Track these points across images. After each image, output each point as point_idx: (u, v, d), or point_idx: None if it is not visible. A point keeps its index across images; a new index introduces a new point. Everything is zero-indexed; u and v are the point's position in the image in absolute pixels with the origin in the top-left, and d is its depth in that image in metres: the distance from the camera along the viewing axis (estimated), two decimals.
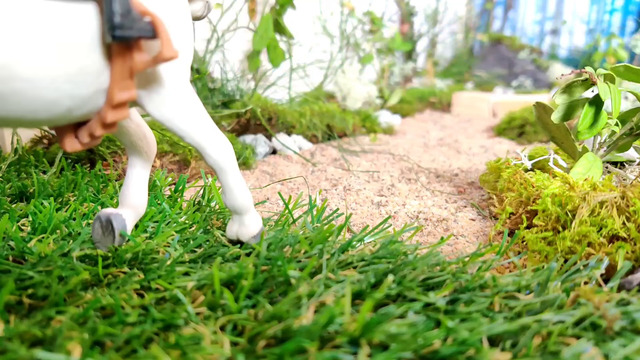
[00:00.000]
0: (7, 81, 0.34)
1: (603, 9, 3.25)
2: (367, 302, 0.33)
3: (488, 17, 3.49)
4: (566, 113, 0.68)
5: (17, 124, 0.39)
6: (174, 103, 0.45)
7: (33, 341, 0.32)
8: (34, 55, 0.35)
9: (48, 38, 0.35)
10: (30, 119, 0.38)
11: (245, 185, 0.50)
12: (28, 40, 0.34)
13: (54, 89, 0.37)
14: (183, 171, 0.86)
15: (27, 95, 0.36)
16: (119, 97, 0.40)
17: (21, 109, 0.36)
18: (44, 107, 0.37)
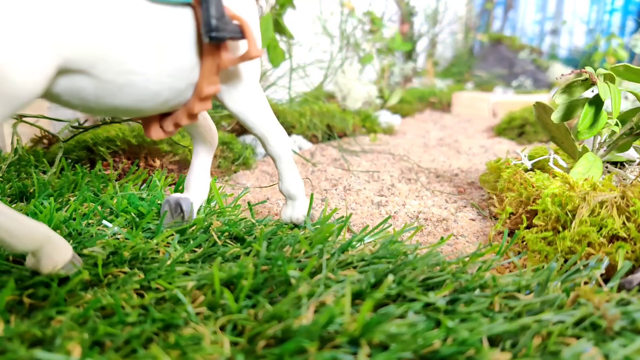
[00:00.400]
0: (125, 74, 0.39)
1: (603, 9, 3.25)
2: (367, 302, 0.33)
3: (488, 17, 3.49)
4: (566, 113, 0.68)
5: (123, 113, 0.44)
6: (248, 97, 0.51)
7: (33, 341, 0.32)
8: (146, 53, 0.40)
9: (157, 38, 0.41)
10: (135, 107, 0.43)
11: (298, 174, 0.57)
12: (142, 40, 0.40)
13: (158, 82, 0.42)
14: (183, 171, 0.86)
15: (138, 86, 0.41)
16: (206, 90, 0.46)
17: (131, 98, 0.42)
18: (148, 98, 0.43)
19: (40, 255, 0.40)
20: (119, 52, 0.39)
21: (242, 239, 0.52)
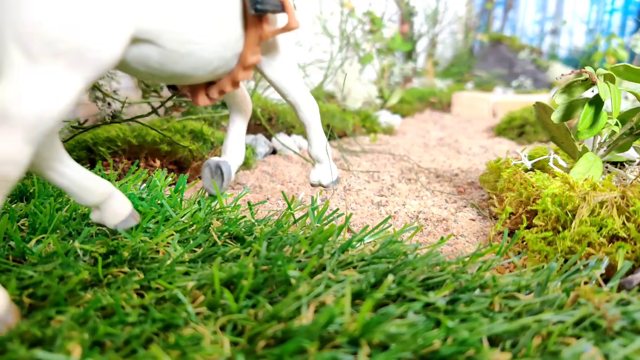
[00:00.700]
0: (185, 43, 0.45)
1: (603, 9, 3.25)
2: (367, 302, 0.33)
3: (488, 17, 3.49)
4: (566, 113, 0.68)
5: (179, 79, 0.50)
6: (285, 67, 0.59)
7: (33, 341, 0.32)
8: (203, 25, 0.46)
9: (212, 11, 0.46)
10: (190, 74, 0.49)
11: (325, 140, 0.64)
12: (200, 13, 0.45)
13: (212, 51, 0.48)
14: (183, 171, 0.86)
15: (195, 55, 0.47)
16: (250, 59, 0.53)
17: (189, 66, 0.47)
18: (202, 66, 0.49)
19: (105, 208, 0.46)
20: (182, 23, 0.44)
21: (242, 239, 0.52)
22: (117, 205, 0.47)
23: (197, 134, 0.92)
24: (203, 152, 0.89)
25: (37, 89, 0.33)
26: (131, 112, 1.03)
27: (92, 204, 0.45)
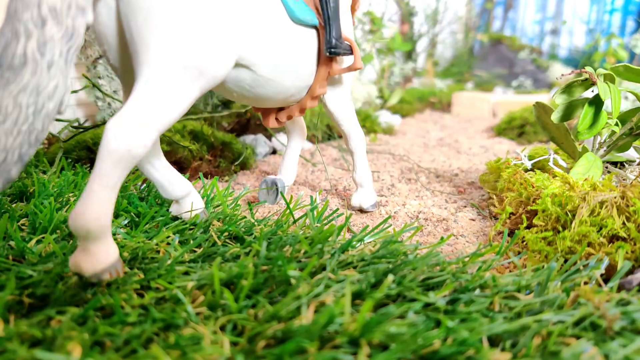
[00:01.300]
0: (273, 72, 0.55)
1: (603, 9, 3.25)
2: (367, 302, 0.33)
3: (488, 17, 3.49)
4: (566, 113, 0.68)
5: (262, 102, 0.59)
6: (344, 99, 0.68)
7: (33, 341, 0.32)
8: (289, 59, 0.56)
9: (297, 50, 0.57)
10: (271, 98, 0.58)
11: (368, 167, 0.72)
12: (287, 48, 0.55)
13: (290, 81, 0.58)
14: (183, 171, 0.86)
15: (278, 82, 0.56)
16: (318, 91, 0.63)
17: (272, 91, 0.57)
18: (281, 92, 0.58)
19: (184, 203, 0.55)
20: (273, 56, 0.54)
21: (242, 239, 0.52)
22: (194, 200, 0.56)
23: (197, 134, 0.92)
24: (203, 152, 0.89)
25: (169, 94, 0.42)
26: None
27: (175, 197, 0.54)
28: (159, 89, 0.41)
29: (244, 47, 0.50)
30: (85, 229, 0.38)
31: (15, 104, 0.37)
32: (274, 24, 0.53)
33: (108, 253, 0.40)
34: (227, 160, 0.93)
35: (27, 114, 0.37)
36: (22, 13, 0.37)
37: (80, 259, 0.39)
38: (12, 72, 0.36)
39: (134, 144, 0.39)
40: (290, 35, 0.56)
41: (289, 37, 0.56)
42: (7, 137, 0.36)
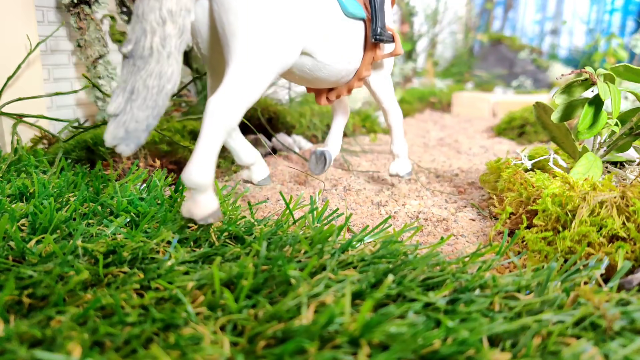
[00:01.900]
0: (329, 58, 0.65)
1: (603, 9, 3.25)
2: (367, 302, 0.33)
3: (488, 17, 3.49)
4: (566, 113, 0.68)
5: (318, 83, 0.70)
6: (385, 80, 0.79)
7: (33, 341, 0.32)
8: (342, 47, 0.66)
9: (347, 38, 0.67)
10: (326, 80, 0.69)
11: (404, 139, 0.83)
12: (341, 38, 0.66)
13: (342, 65, 0.68)
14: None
15: (333, 66, 0.67)
16: (364, 74, 0.73)
17: (327, 74, 0.67)
18: (334, 74, 0.69)
19: (253, 169, 0.67)
20: (330, 45, 0.64)
21: (242, 239, 0.52)
22: (261, 167, 0.67)
23: (197, 134, 0.92)
24: None
25: (253, 78, 0.52)
26: None
27: (247, 163, 0.65)
28: (246, 73, 0.52)
29: (308, 39, 0.60)
30: (195, 184, 0.49)
31: (144, 86, 0.48)
32: (331, 18, 0.64)
33: (212, 202, 0.50)
34: (227, 160, 0.93)
35: (152, 93, 0.48)
36: (147, 15, 0.48)
37: (191, 206, 0.50)
38: (142, 61, 0.48)
39: (230, 116, 0.50)
40: (343, 27, 0.67)
41: (342, 28, 0.66)
42: (139, 110, 0.48)
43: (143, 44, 0.48)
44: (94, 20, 0.94)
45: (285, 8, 0.55)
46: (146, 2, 0.48)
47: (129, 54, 0.48)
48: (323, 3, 0.63)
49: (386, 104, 0.80)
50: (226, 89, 0.51)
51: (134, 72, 0.48)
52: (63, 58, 1.03)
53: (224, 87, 0.51)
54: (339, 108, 0.86)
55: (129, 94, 0.48)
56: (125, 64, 0.49)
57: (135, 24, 0.48)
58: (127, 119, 0.48)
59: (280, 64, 0.56)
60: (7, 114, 0.85)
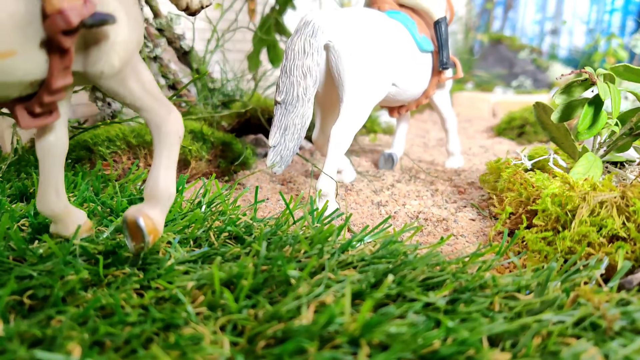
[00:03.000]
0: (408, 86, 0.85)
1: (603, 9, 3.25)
2: (367, 302, 0.33)
3: (488, 17, 3.49)
4: (565, 113, 0.68)
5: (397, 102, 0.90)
6: (445, 97, 1.00)
7: (33, 341, 0.32)
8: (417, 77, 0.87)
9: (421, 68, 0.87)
10: (404, 100, 0.89)
11: (458, 140, 1.07)
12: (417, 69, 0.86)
13: (416, 89, 0.88)
14: (183, 171, 0.86)
15: (410, 91, 0.87)
16: (430, 93, 0.94)
17: (405, 96, 0.87)
18: (410, 96, 0.89)
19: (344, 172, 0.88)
20: (409, 78, 0.84)
21: (242, 239, 0.52)
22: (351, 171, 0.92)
23: (197, 134, 0.92)
24: (203, 152, 0.89)
25: (361, 109, 0.74)
26: (131, 112, 1.03)
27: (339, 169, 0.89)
28: (357, 107, 0.73)
29: (396, 75, 0.80)
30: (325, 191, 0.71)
31: (293, 124, 0.69)
32: (411, 56, 0.83)
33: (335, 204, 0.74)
34: (227, 160, 0.93)
35: (298, 129, 0.70)
36: (293, 71, 0.69)
37: None
38: (292, 106, 0.69)
39: (348, 139, 0.72)
40: (418, 60, 0.86)
41: (417, 61, 0.86)
42: (289, 142, 0.70)
43: (292, 94, 0.69)
44: None
45: (382, 57, 0.76)
46: (291, 62, 0.69)
47: (282, 101, 0.69)
48: (405, 46, 0.82)
49: (444, 113, 1.01)
50: (343, 120, 0.72)
51: (286, 115, 0.69)
52: None
53: (342, 119, 0.72)
54: (403, 117, 1.07)
55: (283, 130, 0.69)
56: (278, 108, 0.69)
57: (285, 78, 0.69)
58: (282, 148, 0.69)
59: (379, 96, 0.77)
60: (7, 114, 0.85)
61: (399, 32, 0.82)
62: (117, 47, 0.40)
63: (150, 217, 0.44)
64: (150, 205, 0.45)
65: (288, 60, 0.69)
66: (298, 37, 0.70)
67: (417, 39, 0.85)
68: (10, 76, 0.37)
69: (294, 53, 0.69)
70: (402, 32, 0.82)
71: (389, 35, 0.78)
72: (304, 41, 0.69)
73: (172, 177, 0.45)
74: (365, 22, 0.75)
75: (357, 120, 0.72)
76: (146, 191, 0.45)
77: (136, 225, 0.44)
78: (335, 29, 0.72)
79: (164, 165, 0.45)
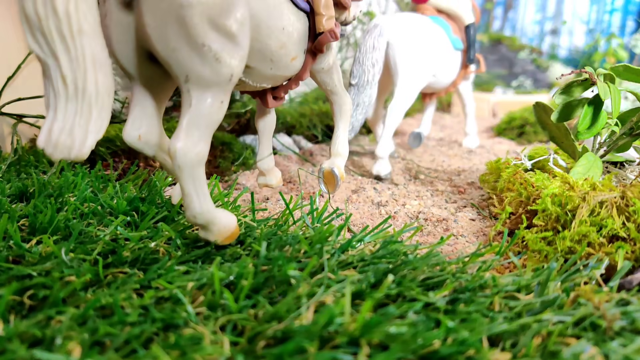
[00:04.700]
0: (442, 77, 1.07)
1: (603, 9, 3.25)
2: (367, 302, 0.33)
3: (488, 17, 3.49)
4: (565, 113, 0.68)
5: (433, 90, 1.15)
6: (469, 86, 1.25)
7: (33, 341, 0.32)
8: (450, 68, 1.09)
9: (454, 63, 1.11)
10: (437, 89, 1.14)
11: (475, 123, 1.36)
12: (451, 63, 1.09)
13: (449, 79, 1.11)
14: None
15: (443, 81, 1.09)
16: (457, 83, 1.17)
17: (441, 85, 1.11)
18: (443, 86, 1.12)
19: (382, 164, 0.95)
20: (444, 68, 1.05)
21: (242, 239, 0.52)
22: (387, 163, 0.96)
23: None
24: None
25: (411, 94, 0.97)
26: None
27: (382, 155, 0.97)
28: (408, 90, 0.96)
29: (435, 68, 1.01)
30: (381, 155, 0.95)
31: (362, 101, 0.91)
32: (446, 53, 1.05)
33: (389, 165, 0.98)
34: (227, 160, 0.93)
35: (365, 105, 0.91)
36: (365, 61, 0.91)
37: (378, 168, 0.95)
38: (362, 87, 0.91)
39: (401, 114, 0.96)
40: (452, 56, 1.08)
41: (451, 57, 1.07)
42: (359, 115, 0.91)
43: (363, 78, 0.91)
44: None
45: (427, 53, 0.98)
46: (364, 55, 0.92)
47: (355, 84, 0.91)
48: (443, 45, 1.04)
49: (466, 100, 1.26)
50: (397, 100, 0.95)
51: (357, 94, 0.90)
52: None
53: (396, 99, 0.95)
54: (430, 102, 1.29)
55: (355, 107, 0.91)
56: (352, 89, 0.91)
57: (358, 67, 0.91)
58: (354, 120, 0.91)
59: (423, 84, 0.99)
60: (7, 114, 0.85)
61: (439, 34, 1.03)
62: (332, 52, 0.66)
63: (340, 167, 0.70)
64: (338, 160, 0.71)
65: (361, 53, 0.91)
66: (369, 36, 0.93)
67: (452, 39, 1.07)
68: (290, 72, 0.60)
69: (366, 48, 0.92)
70: (441, 34, 1.04)
71: (432, 36, 1.00)
72: (373, 39, 0.92)
73: (347, 139, 0.73)
74: (415, 25, 0.98)
75: (407, 100, 0.95)
76: (334, 150, 0.72)
77: (331, 173, 0.71)
78: (393, 30, 0.95)
79: (343, 132, 0.72)
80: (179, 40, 0.42)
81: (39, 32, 0.38)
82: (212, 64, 0.44)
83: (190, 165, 0.45)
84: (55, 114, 0.40)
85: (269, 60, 0.55)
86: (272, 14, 0.52)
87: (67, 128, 0.40)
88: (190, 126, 0.45)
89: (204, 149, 0.46)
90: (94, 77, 0.40)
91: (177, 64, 0.44)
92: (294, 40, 0.57)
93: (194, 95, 0.45)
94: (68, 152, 0.40)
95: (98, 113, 0.41)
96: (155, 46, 0.43)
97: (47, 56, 0.39)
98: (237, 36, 0.46)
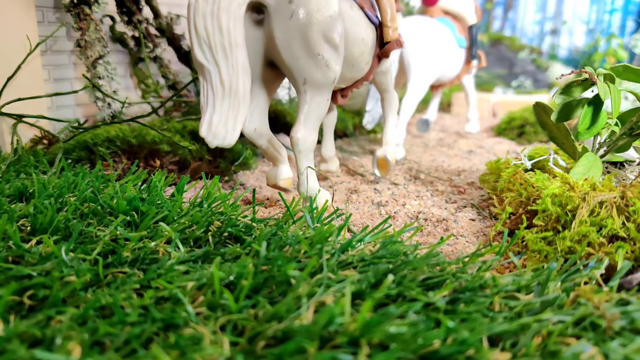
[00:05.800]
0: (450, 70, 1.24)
1: (603, 9, 3.25)
2: (367, 302, 0.33)
3: (488, 17, 3.49)
4: (565, 113, 0.68)
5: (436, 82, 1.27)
6: (472, 79, 1.46)
7: (33, 341, 0.32)
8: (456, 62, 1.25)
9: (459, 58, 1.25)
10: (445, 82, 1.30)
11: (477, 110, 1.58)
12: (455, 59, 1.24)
13: (454, 74, 1.27)
14: (183, 172, 0.86)
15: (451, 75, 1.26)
16: (461, 76, 1.32)
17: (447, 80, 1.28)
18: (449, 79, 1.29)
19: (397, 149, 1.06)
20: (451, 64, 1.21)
21: (242, 240, 0.52)
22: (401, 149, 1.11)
23: (197, 134, 0.92)
24: (203, 152, 0.89)
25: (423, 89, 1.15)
26: (131, 113, 1.03)
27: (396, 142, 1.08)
28: (419, 85, 1.10)
29: (443, 65, 1.16)
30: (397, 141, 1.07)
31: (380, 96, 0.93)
32: (452, 51, 1.19)
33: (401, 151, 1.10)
34: (227, 160, 0.93)
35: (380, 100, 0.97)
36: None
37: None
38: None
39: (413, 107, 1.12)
40: (457, 53, 1.21)
41: (456, 54, 1.21)
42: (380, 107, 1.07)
43: None
44: (93, 20, 0.94)
45: (436, 52, 1.12)
46: None
47: None
48: (450, 44, 1.18)
49: (469, 91, 1.44)
50: (410, 94, 1.09)
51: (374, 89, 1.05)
52: (63, 58, 1.03)
53: (409, 93, 1.09)
54: (437, 93, 1.43)
55: (375, 100, 1.13)
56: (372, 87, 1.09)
57: None
58: (374, 112, 1.12)
59: (433, 79, 1.14)
60: (7, 114, 0.85)
61: (446, 34, 1.18)
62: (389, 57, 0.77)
63: (391, 153, 0.85)
64: (389, 147, 0.86)
65: None
66: None
67: (457, 38, 1.21)
68: (362, 74, 0.73)
69: None
70: (447, 34, 1.18)
71: (440, 36, 1.15)
72: None
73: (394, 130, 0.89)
74: (424, 27, 1.13)
75: (418, 94, 1.11)
76: (385, 138, 0.87)
77: (384, 159, 0.86)
78: (405, 33, 1.06)
79: (393, 124, 0.88)
80: (301, 50, 0.56)
81: (206, 45, 0.49)
82: (323, 69, 0.58)
83: (308, 149, 0.63)
84: (213, 109, 0.52)
85: (351, 65, 0.68)
86: (355, 28, 0.65)
87: (222, 120, 0.52)
88: (307, 119, 0.61)
89: (316, 137, 0.64)
90: (243, 80, 0.52)
91: (297, 69, 0.57)
92: (369, 48, 0.70)
93: (309, 94, 0.59)
94: (222, 139, 0.53)
95: (244, 108, 0.53)
96: (281, 55, 0.56)
97: (210, 64, 0.51)
98: (339, 46, 0.60)
